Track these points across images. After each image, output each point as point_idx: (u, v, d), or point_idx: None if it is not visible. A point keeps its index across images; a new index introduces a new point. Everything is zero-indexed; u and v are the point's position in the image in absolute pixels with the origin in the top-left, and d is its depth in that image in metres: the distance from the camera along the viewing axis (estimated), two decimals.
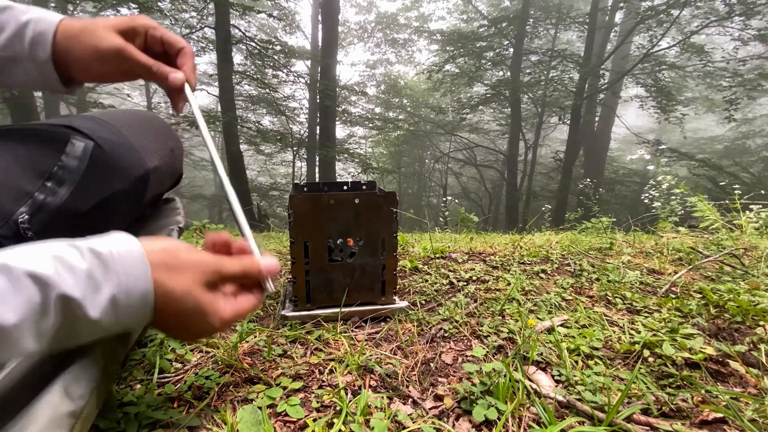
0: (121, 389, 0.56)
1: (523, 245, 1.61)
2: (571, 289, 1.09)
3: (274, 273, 0.48)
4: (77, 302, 0.32)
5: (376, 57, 15.53)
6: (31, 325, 0.30)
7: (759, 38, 7.50)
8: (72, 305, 0.32)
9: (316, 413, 0.54)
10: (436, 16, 14.91)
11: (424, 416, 0.54)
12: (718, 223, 2.17)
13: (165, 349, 0.67)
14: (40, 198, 0.51)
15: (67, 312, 0.32)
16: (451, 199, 5.25)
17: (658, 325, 0.82)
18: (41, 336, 0.31)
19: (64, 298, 0.32)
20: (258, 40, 8.22)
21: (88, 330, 0.35)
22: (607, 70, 9.71)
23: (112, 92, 9.19)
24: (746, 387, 0.63)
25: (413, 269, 1.25)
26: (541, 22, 10.12)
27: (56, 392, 0.36)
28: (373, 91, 15.07)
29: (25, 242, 0.39)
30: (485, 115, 13.88)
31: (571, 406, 0.56)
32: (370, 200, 0.80)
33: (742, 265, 1.28)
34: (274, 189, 12.08)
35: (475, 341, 0.77)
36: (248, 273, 0.47)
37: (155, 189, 0.76)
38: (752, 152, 12.97)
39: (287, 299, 0.88)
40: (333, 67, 9.14)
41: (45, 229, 0.52)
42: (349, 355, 0.68)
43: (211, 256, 0.45)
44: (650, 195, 3.07)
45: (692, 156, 8.86)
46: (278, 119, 12.38)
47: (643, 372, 0.66)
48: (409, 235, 2.00)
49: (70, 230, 0.55)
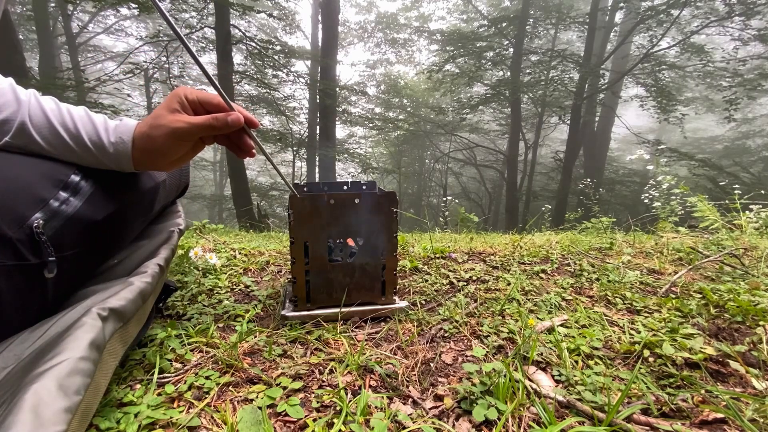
0: (121, 389, 0.56)
1: (523, 245, 1.61)
2: (571, 289, 1.09)
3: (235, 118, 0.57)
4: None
5: (376, 57, 15.54)
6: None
7: (759, 38, 7.50)
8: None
9: (316, 413, 0.54)
10: (436, 16, 14.92)
11: (424, 416, 0.54)
12: (718, 223, 2.17)
13: (165, 349, 0.67)
14: (54, 205, 0.54)
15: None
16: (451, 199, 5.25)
17: (658, 325, 0.82)
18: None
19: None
20: (258, 40, 8.21)
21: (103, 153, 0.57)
22: (607, 70, 9.71)
23: (112, 92, 9.18)
24: (746, 387, 0.63)
25: (413, 269, 1.25)
26: (541, 22, 10.11)
27: (51, 388, 0.36)
28: (373, 91, 15.06)
29: (39, 246, 0.51)
30: (485, 115, 13.88)
31: (571, 406, 0.56)
32: (370, 200, 0.80)
33: (742, 265, 1.28)
34: (274, 189, 12.08)
35: (475, 341, 0.77)
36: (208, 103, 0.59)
37: (163, 200, 0.78)
38: (752, 152, 12.97)
39: (287, 299, 0.89)
40: (333, 67, 9.14)
41: (58, 235, 0.53)
42: (349, 355, 0.68)
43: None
44: (650, 195, 3.06)
45: (692, 156, 8.86)
46: (278, 119, 12.38)
47: (643, 372, 0.66)
48: (409, 235, 2.00)
49: (83, 237, 0.57)
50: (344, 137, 14.73)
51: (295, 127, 11.01)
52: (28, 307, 0.53)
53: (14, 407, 0.33)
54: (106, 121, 0.58)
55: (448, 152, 14.77)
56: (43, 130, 0.55)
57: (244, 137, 0.62)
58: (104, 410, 0.51)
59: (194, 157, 0.68)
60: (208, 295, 0.99)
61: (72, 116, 0.57)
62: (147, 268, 0.61)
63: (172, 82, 8.10)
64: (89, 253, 0.61)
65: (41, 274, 0.52)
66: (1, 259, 0.48)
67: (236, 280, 1.10)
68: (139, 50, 9.91)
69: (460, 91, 12.51)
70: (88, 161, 0.58)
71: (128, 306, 0.51)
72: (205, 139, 0.61)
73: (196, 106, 0.58)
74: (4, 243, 0.48)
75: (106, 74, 7.40)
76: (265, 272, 1.22)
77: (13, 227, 0.49)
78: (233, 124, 0.57)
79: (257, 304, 0.94)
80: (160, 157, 0.58)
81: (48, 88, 6.21)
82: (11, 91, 0.55)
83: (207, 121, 0.56)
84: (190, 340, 0.72)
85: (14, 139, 0.54)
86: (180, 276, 1.06)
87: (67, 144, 0.56)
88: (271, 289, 1.04)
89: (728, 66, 8.20)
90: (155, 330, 0.73)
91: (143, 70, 9.19)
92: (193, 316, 0.84)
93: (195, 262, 1.10)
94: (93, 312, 0.46)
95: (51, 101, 0.57)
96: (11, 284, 0.50)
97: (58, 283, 0.56)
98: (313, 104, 11.01)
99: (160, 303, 0.81)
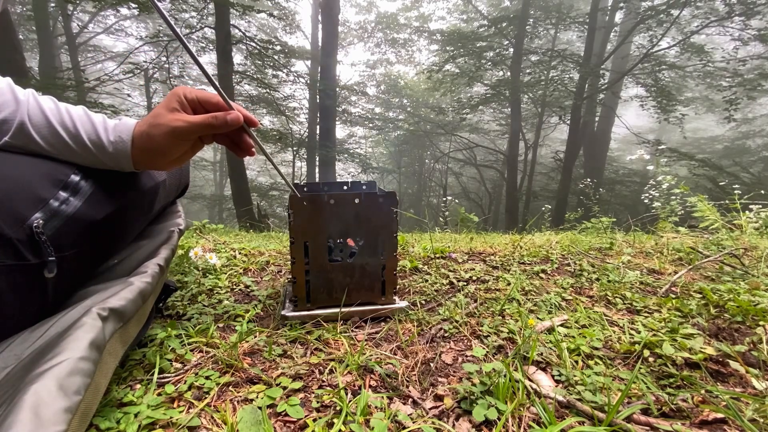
0: (121, 389, 0.56)
1: (523, 245, 1.61)
2: (571, 289, 1.09)
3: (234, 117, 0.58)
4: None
5: (376, 57, 15.54)
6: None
7: (759, 38, 7.50)
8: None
9: (316, 413, 0.54)
10: (436, 16, 14.92)
11: (424, 416, 0.54)
12: (718, 223, 2.17)
13: (165, 349, 0.67)
14: (54, 205, 0.54)
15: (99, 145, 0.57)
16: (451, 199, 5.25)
17: (658, 325, 0.82)
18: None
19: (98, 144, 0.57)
20: (258, 40, 8.21)
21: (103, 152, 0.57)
22: (607, 70, 9.70)
23: (112, 92, 9.19)
24: (746, 387, 0.63)
25: (413, 269, 1.25)
26: (541, 22, 10.11)
27: (51, 388, 0.36)
28: (373, 91, 15.07)
29: (39, 246, 0.51)
30: (485, 115, 13.88)
31: (571, 406, 0.56)
32: (370, 200, 0.80)
33: (742, 265, 1.28)
34: (274, 189, 12.08)
35: (475, 341, 0.77)
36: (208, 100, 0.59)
37: (163, 200, 0.78)
38: (752, 152, 12.97)
39: (287, 299, 0.88)
40: (333, 67, 9.14)
41: (58, 235, 0.53)
42: (349, 355, 0.68)
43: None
44: (650, 195, 3.06)
45: (692, 156, 8.85)
46: (278, 119, 12.38)
47: (643, 372, 0.66)
48: (409, 235, 2.00)
49: (84, 237, 0.57)
50: (344, 137, 14.74)
51: (295, 127, 11.02)
52: (28, 307, 0.53)
53: (14, 407, 0.33)
54: (105, 121, 0.58)
55: (448, 152, 14.77)
56: (43, 129, 0.55)
57: (244, 136, 0.62)
58: (104, 410, 0.51)
59: (194, 157, 0.68)
60: (208, 295, 0.99)
61: (71, 116, 0.57)
62: (147, 268, 0.61)
63: (172, 82, 8.10)
64: (89, 253, 0.61)
65: (41, 274, 0.52)
66: (1, 259, 0.48)
67: (236, 280, 1.10)
68: (139, 50, 9.91)
69: (460, 91, 12.51)
70: (87, 161, 0.58)
71: (128, 306, 0.51)
72: (205, 138, 0.61)
73: (195, 105, 0.58)
74: (4, 243, 0.48)
75: (106, 74, 7.40)
76: (265, 272, 1.22)
77: (13, 227, 0.49)
78: (232, 123, 0.57)
79: (257, 304, 0.94)
80: (160, 156, 0.58)
81: (48, 88, 6.21)
82: (9, 91, 0.55)
83: (206, 120, 0.56)
84: (190, 340, 0.72)
85: (13, 139, 0.54)
86: (180, 276, 1.06)
87: (66, 143, 0.56)
88: (271, 289, 1.04)
89: (728, 66, 8.20)
90: (155, 330, 0.73)
91: (143, 70, 9.19)
92: (193, 316, 0.84)
93: (195, 262, 1.10)
94: (93, 312, 0.46)
95: (50, 101, 0.57)
96: (11, 284, 0.50)
97: (58, 283, 0.56)
98: (313, 104, 11.01)
99: (160, 303, 0.81)
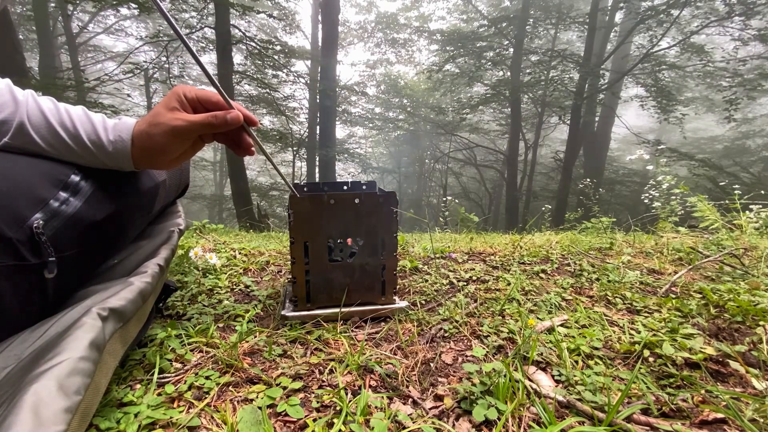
0: (121, 389, 0.56)
1: (523, 245, 1.61)
2: (571, 289, 1.09)
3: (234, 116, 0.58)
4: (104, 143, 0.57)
5: (376, 57, 15.53)
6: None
7: (759, 38, 7.50)
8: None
9: (316, 413, 0.54)
10: (436, 16, 14.93)
11: (424, 416, 0.54)
12: (718, 223, 2.17)
13: (165, 349, 0.67)
14: (54, 205, 0.54)
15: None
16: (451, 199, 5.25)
17: (658, 325, 0.82)
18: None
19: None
20: (258, 40, 8.21)
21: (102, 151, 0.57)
22: (607, 70, 9.70)
23: (112, 92, 9.18)
24: (746, 387, 0.63)
25: (413, 269, 1.25)
26: (541, 22, 10.11)
27: (51, 388, 0.36)
28: (373, 91, 15.06)
29: (39, 246, 0.51)
30: (485, 115, 13.88)
31: (571, 406, 0.55)
32: (370, 200, 0.80)
33: (742, 265, 1.28)
34: (274, 189, 12.08)
35: (475, 341, 0.77)
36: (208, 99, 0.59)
37: (163, 200, 0.78)
38: (752, 152, 12.97)
39: (287, 299, 0.88)
40: (333, 67, 9.14)
41: (58, 235, 0.53)
42: (349, 355, 0.68)
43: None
44: (650, 195, 3.06)
45: (692, 156, 8.85)
46: (278, 119, 12.38)
47: (643, 372, 0.66)
48: (409, 235, 2.00)
49: (84, 237, 0.57)
50: (344, 137, 14.75)
51: (295, 127, 11.02)
52: (28, 307, 0.53)
53: (14, 407, 0.33)
54: (104, 120, 0.58)
55: (448, 152, 14.77)
56: (42, 130, 0.55)
57: (244, 135, 0.62)
58: (104, 410, 0.51)
59: (194, 157, 0.68)
60: (208, 295, 0.99)
61: (70, 116, 0.57)
62: (147, 268, 0.61)
63: (172, 82, 8.10)
64: (89, 253, 0.61)
65: (41, 274, 0.52)
66: (1, 259, 0.48)
67: (236, 280, 1.10)
68: (139, 50, 9.91)
69: (460, 91, 12.52)
70: (87, 161, 0.58)
71: (128, 306, 0.51)
72: (205, 137, 0.61)
73: (195, 104, 0.58)
74: (4, 243, 0.48)
75: (106, 74, 7.38)
76: (265, 272, 1.22)
77: (13, 227, 0.49)
78: (232, 122, 0.57)
79: (257, 304, 0.94)
80: (160, 155, 0.58)
81: (48, 88, 6.21)
82: (8, 91, 0.55)
83: (206, 119, 0.56)
84: (190, 340, 0.72)
85: (13, 140, 0.54)
86: (180, 276, 1.06)
87: (66, 143, 0.56)
88: (271, 289, 1.04)
89: (728, 66, 8.20)
90: (155, 330, 0.73)
91: (143, 70, 9.18)
92: (193, 316, 0.84)
93: (195, 262, 1.10)
94: (93, 312, 0.46)
95: (49, 101, 0.57)
96: (11, 284, 0.50)
97: (58, 283, 0.56)
98: (313, 104, 11.01)
99: (160, 303, 0.81)
